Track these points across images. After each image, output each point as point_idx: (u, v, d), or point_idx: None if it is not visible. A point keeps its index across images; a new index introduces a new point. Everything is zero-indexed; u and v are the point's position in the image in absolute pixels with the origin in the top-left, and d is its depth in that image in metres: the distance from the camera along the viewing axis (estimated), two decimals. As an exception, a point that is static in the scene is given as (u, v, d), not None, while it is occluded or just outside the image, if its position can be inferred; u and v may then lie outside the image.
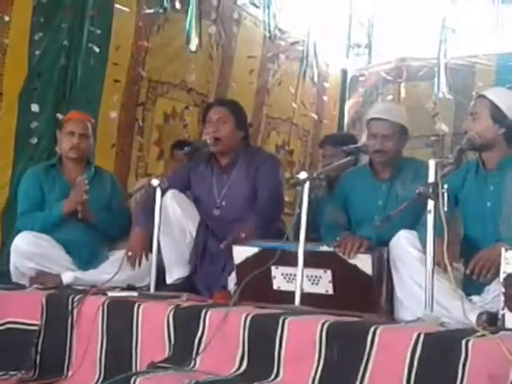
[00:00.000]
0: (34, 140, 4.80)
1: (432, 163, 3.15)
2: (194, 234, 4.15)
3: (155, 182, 3.86)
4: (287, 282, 3.51)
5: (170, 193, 4.06)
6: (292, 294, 3.32)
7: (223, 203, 4.22)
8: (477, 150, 3.47)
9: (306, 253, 3.34)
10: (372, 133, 3.91)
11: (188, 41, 5.47)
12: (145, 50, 5.44)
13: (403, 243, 3.38)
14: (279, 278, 3.54)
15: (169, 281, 4.11)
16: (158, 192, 3.86)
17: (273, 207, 4.16)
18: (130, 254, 3.98)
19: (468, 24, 6.31)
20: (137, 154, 5.52)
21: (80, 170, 4.45)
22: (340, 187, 4.16)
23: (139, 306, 3.41)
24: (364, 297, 3.39)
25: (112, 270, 3.93)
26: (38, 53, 4.78)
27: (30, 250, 4.17)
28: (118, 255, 4.12)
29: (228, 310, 3.15)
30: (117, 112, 5.28)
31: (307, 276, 3.41)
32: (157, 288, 3.83)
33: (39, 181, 4.39)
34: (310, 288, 3.42)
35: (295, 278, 3.35)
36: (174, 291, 3.87)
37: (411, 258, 3.33)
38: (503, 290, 2.85)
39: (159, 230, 3.84)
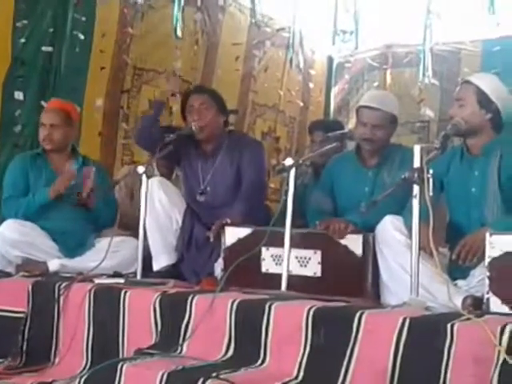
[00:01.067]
0: (18, 128, 4.77)
1: (417, 148, 3.15)
2: (180, 221, 4.15)
3: (141, 169, 3.85)
4: (276, 264, 3.52)
5: (156, 181, 4.05)
6: (280, 276, 3.33)
7: (208, 189, 4.22)
8: (462, 135, 3.47)
9: (296, 233, 3.36)
10: (362, 121, 3.88)
11: (175, 27, 5.45)
12: (129, 36, 5.41)
13: (389, 228, 3.38)
14: (268, 260, 3.56)
15: (155, 268, 4.11)
16: (144, 179, 3.85)
17: (257, 193, 4.18)
18: None
19: (453, 10, 6.30)
20: (122, 142, 5.50)
21: (66, 159, 4.43)
22: (326, 173, 4.15)
23: (126, 292, 3.41)
24: (351, 280, 3.41)
25: (98, 257, 3.93)
26: (21, 40, 4.75)
27: (16, 237, 4.14)
28: (104, 242, 4.10)
29: (214, 295, 3.15)
30: (102, 99, 5.26)
31: (296, 257, 3.43)
32: (143, 275, 3.83)
33: (26, 168, 4.36)
34: (298, 270, 3.45)
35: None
36: (161, 278, 3.87)
37: (397, 243, 3.33)
38: (488, 273, 2.87)
39: (145, 217, 3.84)
